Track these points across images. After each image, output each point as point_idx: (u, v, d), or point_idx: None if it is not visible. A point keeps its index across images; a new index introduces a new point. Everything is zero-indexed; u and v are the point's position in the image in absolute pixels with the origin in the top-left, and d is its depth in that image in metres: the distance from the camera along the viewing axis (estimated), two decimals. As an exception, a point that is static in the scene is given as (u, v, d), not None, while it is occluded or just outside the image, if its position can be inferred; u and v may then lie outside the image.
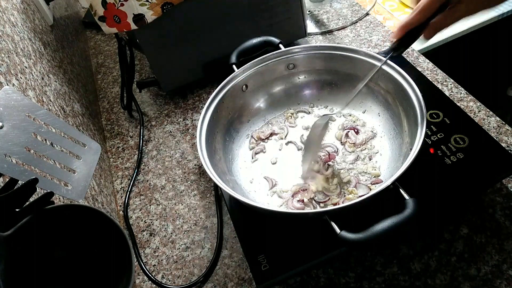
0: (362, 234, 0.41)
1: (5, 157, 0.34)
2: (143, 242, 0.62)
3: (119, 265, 0.39)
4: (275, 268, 0.48)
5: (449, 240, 0.53)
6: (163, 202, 0.66)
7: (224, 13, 0.74)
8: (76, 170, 0.40)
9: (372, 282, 0.51)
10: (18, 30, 0.59)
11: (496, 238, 0.52)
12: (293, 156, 0.61)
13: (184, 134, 0.76)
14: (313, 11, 0.97)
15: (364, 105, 0.63)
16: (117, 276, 0.39)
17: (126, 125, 0.82)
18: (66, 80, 0.71)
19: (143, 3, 0.65)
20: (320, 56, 0.63)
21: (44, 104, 0.55)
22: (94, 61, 1.00)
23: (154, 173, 0.71)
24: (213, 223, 0.62)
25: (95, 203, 0.57)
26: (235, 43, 0.66)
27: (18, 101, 0.36)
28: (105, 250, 0.40)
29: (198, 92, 0.84)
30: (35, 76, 0.56)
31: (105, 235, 0.39)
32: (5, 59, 0.49)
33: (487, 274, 0.49)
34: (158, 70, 0.77)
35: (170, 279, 0.57)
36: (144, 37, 0.71)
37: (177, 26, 0.72)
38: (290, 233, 0.51)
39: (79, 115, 0.69)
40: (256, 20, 0.77)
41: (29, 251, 0.35)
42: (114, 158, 0.76)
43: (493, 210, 0.54)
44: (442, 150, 0.54)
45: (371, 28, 0.88)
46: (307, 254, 0.48)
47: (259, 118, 0.66)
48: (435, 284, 0.50)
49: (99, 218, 0.39)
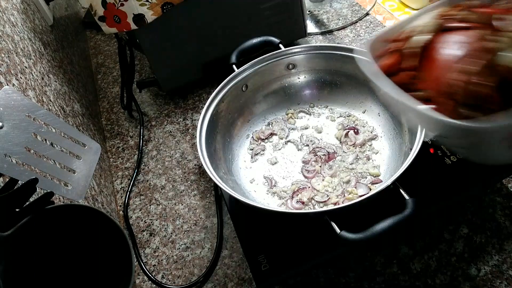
0: (362, 234, 0.41)
1: (5, 157, 0.34)
2: (143, 242, 0.62)
3: (119, 265, 0.39)
4: (275, 268, 0.48)
5: (449, 240, 0.53)
6: (163, 202, 0.66)
7: (224, 13, 0.74)
8: (76, 170, 0.40)
9: (372, 282, 0.51)
10: (18, 30, 0.59)
11: (496, 238, 0.52)
12: (293, 156, 0.61)
13: (184, 134, 0.76)
14: (313, 11, 0.97)
15: (364, 105, 0.63)
16: (117, 276, 0.39)
17: (126, 125, 0.82)
18: (66, 80, 0.71)
19: (143, 3, 0.65)
20: (320, 56, 0.63)
21: (44, 104, 0.55)
22: (94, 61, 1.00)
23: (154, 173, 0.71)
24: (213, 223, 0.62)
25: (95, 203, 0.57)
26: (235, 43, 0.66)
27: (18, 101, 0.36)
28: (105, 250, 0.40)
29: (198, 92, 0.84)
30: (35, 76, 0.56)
31: (105, 235, 0.39)
32: (5, 59, 0.49)
33: (487, 274, 0.49)
34: (158, 70, 0.77)
35: (170, 279, 0.57)
36: (144, 37, 0.71)
37: (177, 26, 0.72)
38: (290, 233, 0.51)
39: (79, 115, 0.69)
40: (256, 20, 0.77)
41: (29, 251, 0.35)
42: (114, 158, 0.76)
43: (493, 210, 0.54)
44: (442, 150, 0.54)
45: (371, 28, 0.88)
46: (307, 254, 0.48)
47: (259, 118, 0.66)
48: (435, 284, 0.50)
49: (99, 218, 0.39)
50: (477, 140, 0.31)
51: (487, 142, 0.31)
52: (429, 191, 0.50)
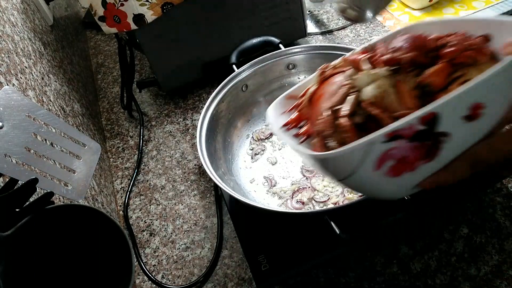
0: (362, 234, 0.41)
1: (5, 157, 0.34)
2: (143, 242, 0.62)
3: (119, 265, 0.39)
4: (275, 268, 0.48)
5: (449, 240, 0.53)
6: (163, 202, 0.66)
7: (224, 13, 0.74)
8: (76, 170, 0.40)
9: (372, 282, 0.51)
10: (18, 30, 0.59)
11: (496, 238, 0.52)
12: (293, 156, 0.61)
13: (184, 134, 0.76)
14: (313, 11, 0.97)
15: (364, 105, 0.63)
16: (117, 276, 0.39)
17: (126, 125, 0.82)
18: (66, 80, 0.71)
19: (143, 3, 0.65)
20: (320, 56, 0.63)
21: (44, 104, 0.55)
22: (94, 61, 1.00)
23: (154, 173, 0.71)
24: (213, 223, 0.62)
25: (95, 203, 0.57)
26: (235, 43, 0.66)
27: (18, 101, 0.36)
28: (105, 250, 0.40)
29: (198, 92, 0.84)
30: (35, 76, 0.56)
31: (105, 235, 0.39)
32: (5, 59, 0.49)
33: (487, 274, 0.49)
34: (158, 70, 0.77)
35: (170, 279, 0.57)
36: (144, 37, 0.71)
37: (177, 26, 0.72)
38: (290, 233, 0.51)
39: (79, 115, 0.69)
40: (256, 20, 0.77)
41: (29, 251, 0.35)
42: (114, 158, 0.76)
43: (493, 210, 0.54)
44: (442, 150, 0.54)
45: (371, 28, 0.88)
46: (307, 254, 0.48)
47: (259, 118, 0.66)
48: (435, 284, 0.50)
49: (99, 218, 0.39)
50: (347, 171, 0.32)
51: (357, 175, 0.32)
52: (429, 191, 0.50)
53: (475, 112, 0.30)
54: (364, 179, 0.32)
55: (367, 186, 0.34)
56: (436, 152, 0.31)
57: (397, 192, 0.35)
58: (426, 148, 0.31)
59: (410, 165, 0.31)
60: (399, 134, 0.30)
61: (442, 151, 0.31)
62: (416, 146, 0.31)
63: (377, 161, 0.31)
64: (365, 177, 0.32)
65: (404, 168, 0.32)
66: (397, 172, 0.32)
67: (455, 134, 0.31)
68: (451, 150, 0.31)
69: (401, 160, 0.31)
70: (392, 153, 0.31)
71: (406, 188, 0.34)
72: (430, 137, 0.30)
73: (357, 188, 0.37)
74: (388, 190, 0.34)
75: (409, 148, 0.31)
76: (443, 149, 0.31)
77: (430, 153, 0.31)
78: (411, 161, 0.31)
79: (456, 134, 0.31)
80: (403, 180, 0.32)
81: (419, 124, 0.29)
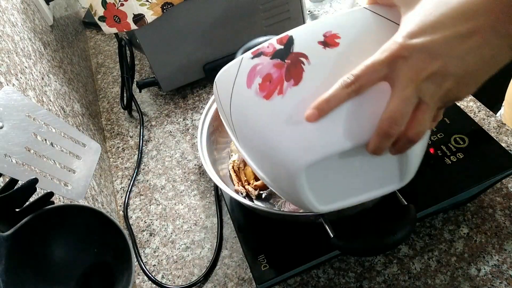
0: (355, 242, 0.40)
1: (5, 157, 0.34)
2: (143, 242, 0.62)
3: (119, 265, 0.39)
4: (275, 268, 0.48)
5: (449, 240, 0.53)
6: (163, 202, 0.66)
7: (224, 13, 0.74)
8: (76, 170, 0.40)
9: (372, 282, 0.51)
10: (18, 30, 0.59)
11: (496, 238, 0.52)
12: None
13: (184, 134, 0.76)
14: (313, 11, 0.97)
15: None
16: (117, 276, 0.39)
17: (126, 125, 0.82)
18: (66, 80, 0.71)
19: (143, 3, 0.65)
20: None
21: (44, 104, 0.55)
22: (94, 61, 1.00)
23: (154, 173, 0.71)
24: (213, 223, 0.62)
25: (95, 203, 0.57)
26: (235, 43, 0.66)
27: (18, 101, 0.36)
28: (105, 250, 0.40)
29: (198, 92, 0.84)
30: (35, 76, 0.56)
31: (105, 235, 0.39)
32: (5, 59, 0.49)
33: (487, 274, 0.49)
34: (158, 70, 0.77)
35: (170, 279, 0.57)
36: (144, 37, 0.71)
37: (177, 26, 0.72)
38: (290, 233, 0.51)
39: (79, 115, 0.69)
40: (256, 20, 0.77)
41: (29, 251, 0.35)
42: (114, 158, 0.76)
43: (493, 210, 0.54)
44: (442, 150, 0.54)
45: (371, 28, 0.88)
46: (307, 254, 0.48)
47: (259, 118, 0.66)
48: (435, 284, 0.50)
49: (99, 218, 0.39)
50: (229, 91, 0.39)
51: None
52: (429, 191, 0.50)
53: (330, 39, 0.36)
54: (243, 102, 0.38)
55: (252, 121, 0.38)
56: (299, 74, 0.35)
57: (297, 150, 0.36)
58: (287, 67, 0.35)
59: (276, 85, 0.36)
60: (262, 52, 0.37)
61: (305, 74, 0.35)
62: (277, 64, 0.36)
63: (247, 76, 0.37)
64: (243, 99, 0.38)
65: (273, 87, 0.36)
66: (267, 91, 0.36)
67: (313, 57, 0.35)
68: (314, 74, 0.35)
69: (267, 78, 0.36)
70: (258, 69, 0.37)
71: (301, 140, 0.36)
72: (288, 56, 0.36)
73: (251, 141, 0.40)
74: (283, 143, 0.36)
75: (272, 65, 0.36)
76: (306, 72, 0.35)
77: (293, 75, 0.35)
78: (277, 81, 0.36)
79: (314, 57, 0.35)
80: (280, 106, 0.35)
81: (277, 44, 0.37)
